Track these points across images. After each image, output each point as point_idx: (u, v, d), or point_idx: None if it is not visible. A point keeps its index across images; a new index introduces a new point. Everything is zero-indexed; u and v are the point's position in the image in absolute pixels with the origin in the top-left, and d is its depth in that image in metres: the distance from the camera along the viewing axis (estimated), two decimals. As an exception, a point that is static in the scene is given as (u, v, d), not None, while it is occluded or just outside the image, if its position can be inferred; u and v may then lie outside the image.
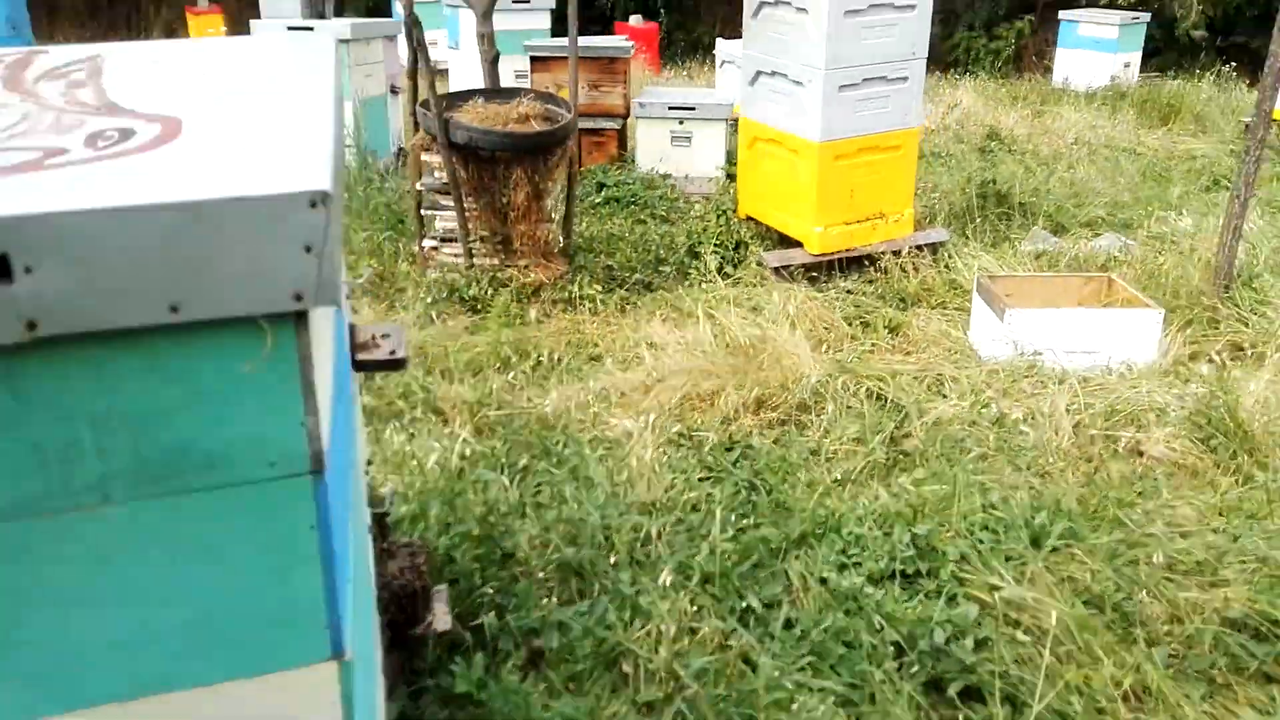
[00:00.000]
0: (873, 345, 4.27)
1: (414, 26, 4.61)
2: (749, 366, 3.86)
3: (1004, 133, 8.68)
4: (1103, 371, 3.97)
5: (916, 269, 4.81)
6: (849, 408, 3.65)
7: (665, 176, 6.49)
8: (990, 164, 7.62)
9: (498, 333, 4.34)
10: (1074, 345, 4.06)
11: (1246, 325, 4.35)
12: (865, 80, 4.55)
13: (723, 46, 8.94)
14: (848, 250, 4.79)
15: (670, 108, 6.44)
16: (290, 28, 6.51)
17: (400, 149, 7.46)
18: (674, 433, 3.43)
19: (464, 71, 8.77)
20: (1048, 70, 12.17)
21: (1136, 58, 11.41)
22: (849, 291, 4.68)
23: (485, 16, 4.90)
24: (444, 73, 9.12)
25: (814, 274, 4.79)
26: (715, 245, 5.08)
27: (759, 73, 4.83)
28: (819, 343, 4.22)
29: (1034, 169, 7.63)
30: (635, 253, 5.33)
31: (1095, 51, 11.35)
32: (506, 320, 4.55)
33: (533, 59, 6.73)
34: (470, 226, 4.79)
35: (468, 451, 3.15)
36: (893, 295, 4.66)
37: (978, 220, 5.77)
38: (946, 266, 4.94)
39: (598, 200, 6.18)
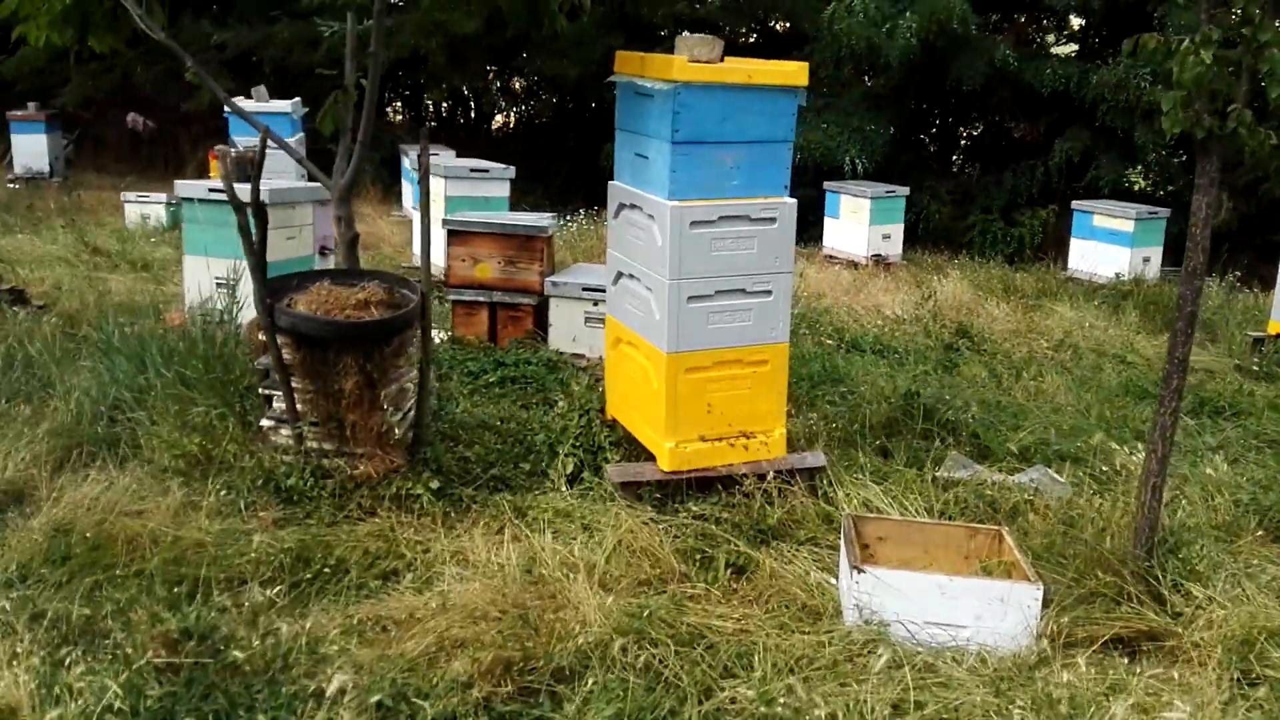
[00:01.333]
0: (704, 589, 3.69)
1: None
2: (531, 610, 3.32)
3: (979, 329, 8.15)
4: (956, 656, 3.34)
5: (784, 496, 4.25)
6: (623, 681, 3.06)
7: (577, 356, 6.09)
8: (943, 367, 7.09)
9: (287, 534, 3.88)
10: (934, 616, 3.44)
11: (1162, 607, 3.65)
12: (720, 292, 4.11)
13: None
14: (704, 470, 4.26)
15: (585, 288, 6.10)
16: (210, 189, 6.38)
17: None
18: (387, 697, 2.87)
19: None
20: (1059, 260, 11.71)
21: (1156, 253, 10.90)
22: (700, 517, 4.12)
23: (341, 199, 4.62)
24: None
25: (663, 494, 4.26)
26: (574, 447, 4.60)
27: (619, 273, 4.44)
28: (637, 583, 3.67)
29: (999, 375, 7.07)
30: (503, 445, 4.87)
31: (1109, 245, 10.88)
32: (318, 518, 4.10)
33: (450, 232, 6.48)
34: (303, 410, 4.41)
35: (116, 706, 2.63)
36: (750, 526, 4.09)
37: (890, 440, 5.22)
38: (825, 496, 4.37)
39: (492, 379, 5.78)
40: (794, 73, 4.01)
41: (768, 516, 4.11)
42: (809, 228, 13.51)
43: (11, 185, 13.17)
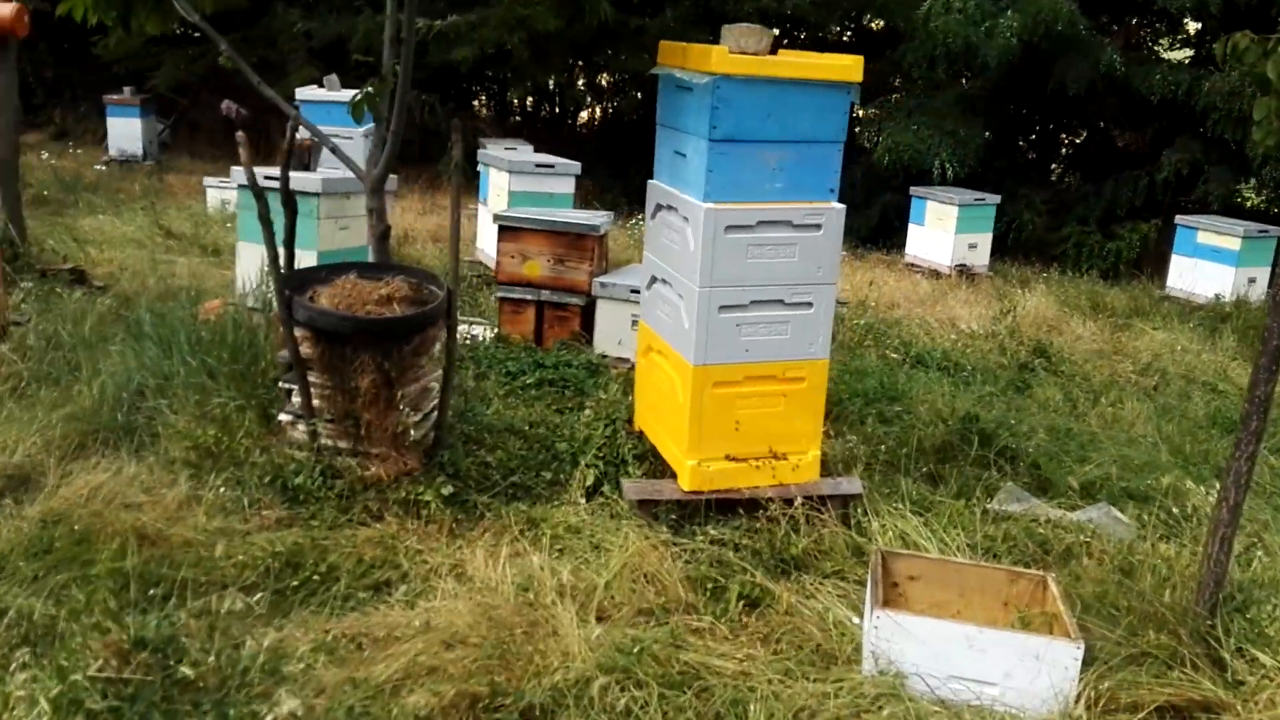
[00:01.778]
0: (711, 622, 3.42)
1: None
2: (512, 638, 3.10)
3: (1059, 348, 7.65)
4: (979, 717, 3.01)
5: (812, 525, 3.95)
6: (603, 725, 2.82)
7: (621, 360, 5.86)
8: (1014, 388, 6.65)
9: (285, 535, 3.74)
10: (959, 670, 3.12)
11: (1221, 674, 3.25)
12: (755, 303, 3.83)
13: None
14: (726, 491, 3.98)
15: (633, 291, 5.85)
16: (265, 176, 6.32)
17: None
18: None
19: (488, 228, 8.51)
20: (1156, 278, 11.04)
21: (1263, 274, 10.18)
22: (718, 542, 3.85)
23: (374, 191, 4.46)
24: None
25: (682, 515, 3.99)
26: (596, 457, 4.37)
27: (653, 277, 4.18)
28: (637, 612, 3.41)
29: (1075, 399, 6.60)
30: (528, 450, 4.67)
31: (1213, 263, 10.22)
32: (321, 520, 3.96)
33: (501, 228, 6.30)
34: (319, 405, 4.27)
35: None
36: (771, 555, 3.81)
37: (944, 466, 4.87)
38: (859, 526, 4.06)
39: (530, 381, 5.58)
40: (847, 67, 3.70)
41: (792, 545, 3.82)
42: (893, 234, 13.05)
43: (100, 167, 13.50)
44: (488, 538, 3.98)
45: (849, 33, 16.43)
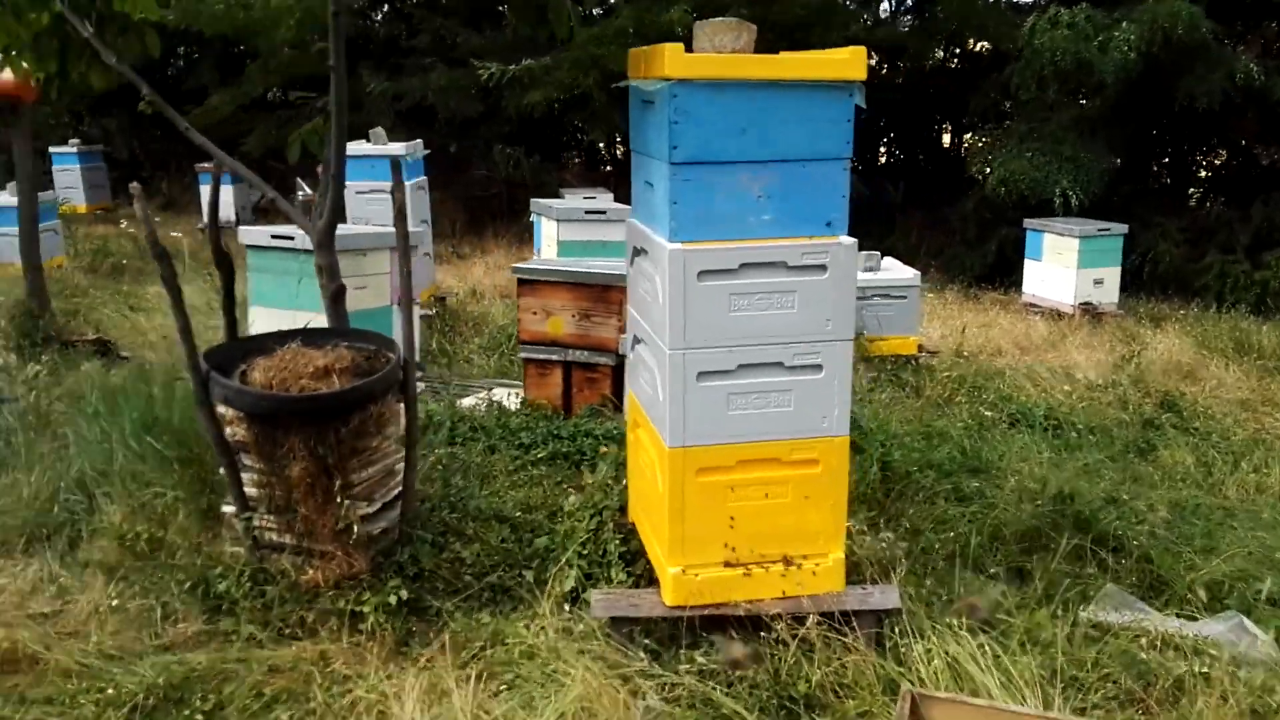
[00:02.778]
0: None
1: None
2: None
3: (1194, 400, 6.48)
4: None
5: (830, 649, 3.08)
6: None
7: (652, 432, 5.09)
8: (1136, 451, 5.57)
9: (190, 657, 3.11)
10: None
11: None
12: (745, 367, 3.02)
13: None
14: (719, 607, 3.15)
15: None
16: (273, 235, 5.88)
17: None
18: None
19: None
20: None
21: None
22: (707, 674, 3.02)
23: (320, 245, 3.86)
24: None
25: (664, 636, 3.18)
26: (579, 556, 3.61)
27: (635, 338, 3.43)
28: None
29: (1210, 463, 5.47)
30: (515, 543, 3.95)
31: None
32: (240, 636, 3.32)
33: (520, 282, 5.65)
34: (256, 496, 3.67)
35: None
36: (775, 693, 2.95)
37: (1031, 558, 3.91)
38: (895, 650, 3.16)
39: (541, 455, 4.87)
40: (844, 62, 2.90)
41: (801, 678, 2.95)
42: (1012, 270, 11.86)
43: (201, 231, 13.63)
44: (439, 660, 3.25)
45: (954, 59, 15.40)
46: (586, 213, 7.67)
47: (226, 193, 14.37)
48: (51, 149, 15.46)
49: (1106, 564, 4.00)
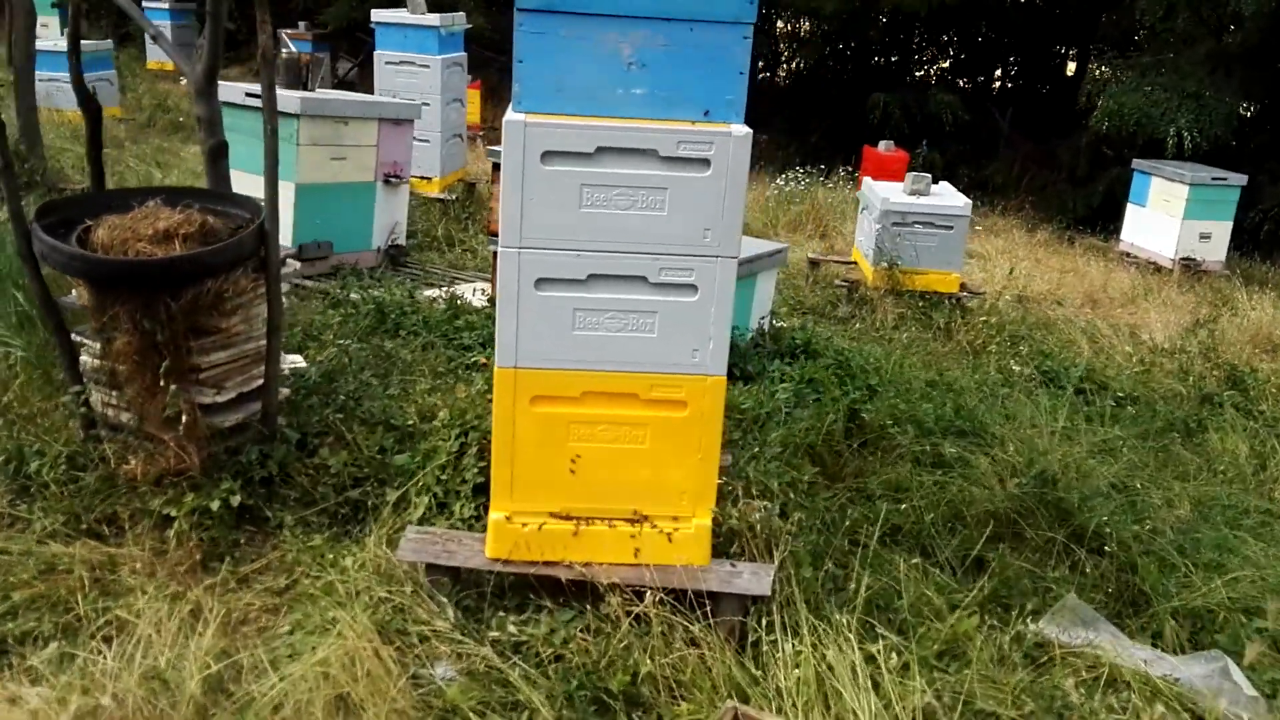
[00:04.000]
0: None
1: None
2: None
3: (1264, 380, 5.57)
4: None
5: (674, 636, 2.51)
6: None
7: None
8: (1184, 430, 4.78)
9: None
10: None
11: None
12: (596, 278, 2.41)
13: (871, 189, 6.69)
14: (549, 565, 2.61)
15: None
16: (247, 94, 5.41)
17: (395, 245, 6.12)
18: None
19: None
20: None
21: None
22: (514, 648, 2.50)
23: (200, 94, 3.34)
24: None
25: (484, 593, 2.66)
26: (436, 480, 3.10)
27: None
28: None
29: (1264, 455, 4.64)
30: (401, 454, 3.46)
31: None
32: (38, 527, 2.94)
33: (494, 166, 5.07)
34: (94, 367, 3.26)
35: None
36: (591, 684, 2.41)
37: (997, 548, 3.26)
38: (756, 648, 2.57)
39: (478, 358, 4.35)
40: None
41: (624, 668, 2.41)
42: (1115, 216, 10.73)
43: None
44: (232, 584, 2.82)
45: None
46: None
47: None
48: (145, 3, 15.32)
49: (1082, 566, 3.32)
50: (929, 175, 6.57)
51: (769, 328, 5.24)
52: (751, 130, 2.34)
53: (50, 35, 11.77)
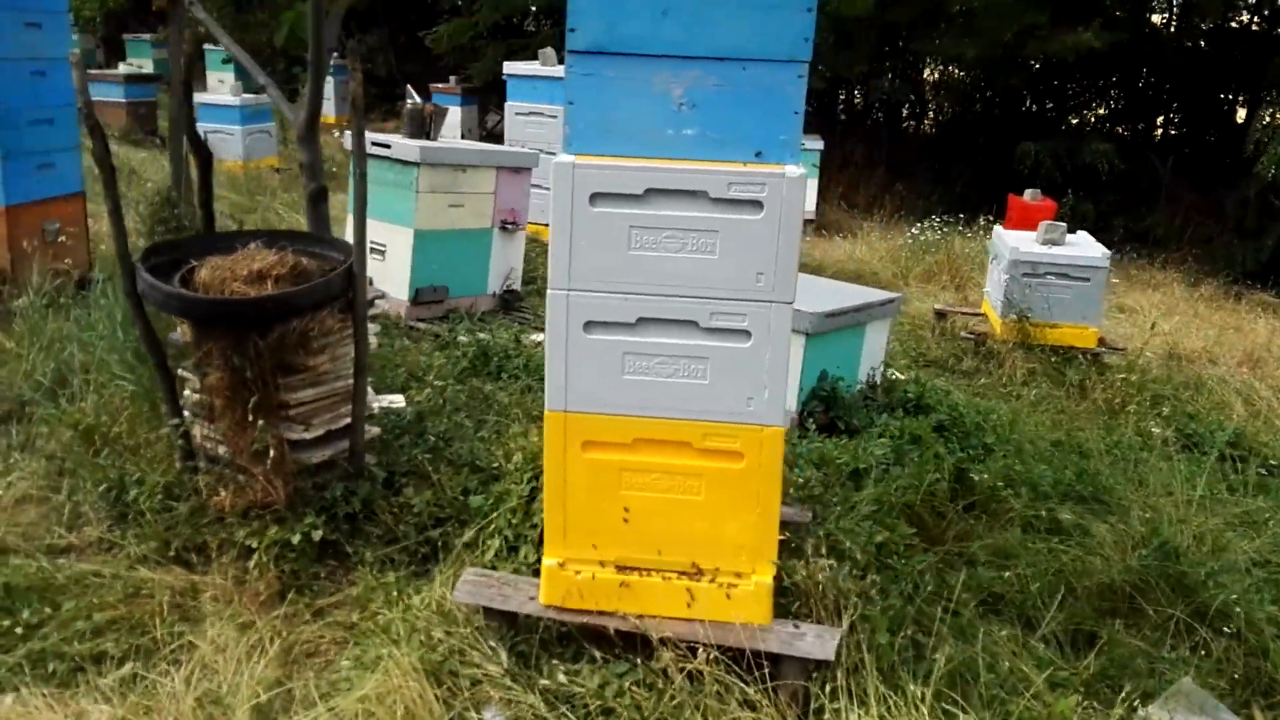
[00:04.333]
0: None
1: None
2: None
3: None
4: None
5: (728, 697, 2.39)
6: None
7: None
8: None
9: (65, 563, 2.89)
10: None
11: None
12: (647, 322, 2.35)
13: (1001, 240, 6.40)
14: (602, 615, 2.53)
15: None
16: (374, 143, 5.65)
17: (509, 289, 6.23)
18: None
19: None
20: None
21: None
22: (562, 699, 2.43)
23: (301, 140, 3.49)
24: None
25: (534, 639, 2.60)
26: (509, 523, 3.08)
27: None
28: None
29: None
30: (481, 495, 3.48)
31: None
32: (129, 553, 3.08)
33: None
34: (196, 401, 3.41)
35: None
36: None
37: (1110, 623, 3.01)
38: (817, 715, 2.42)
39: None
40: (807, -71, 2.13)
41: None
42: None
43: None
44: (304, 616, 2.88)
45: (1262, 19, 13.07)
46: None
47: (455, 113, 14.68)
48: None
49: (1204, 648, 3.01)
50: (1064, 225, 6.24)
51: (880, 380, 5.05)
52: (803, 171, 2.25)
53: (220, 90, 12.73)
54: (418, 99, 7.56)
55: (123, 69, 13.52)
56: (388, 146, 5.62)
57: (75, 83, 3.03)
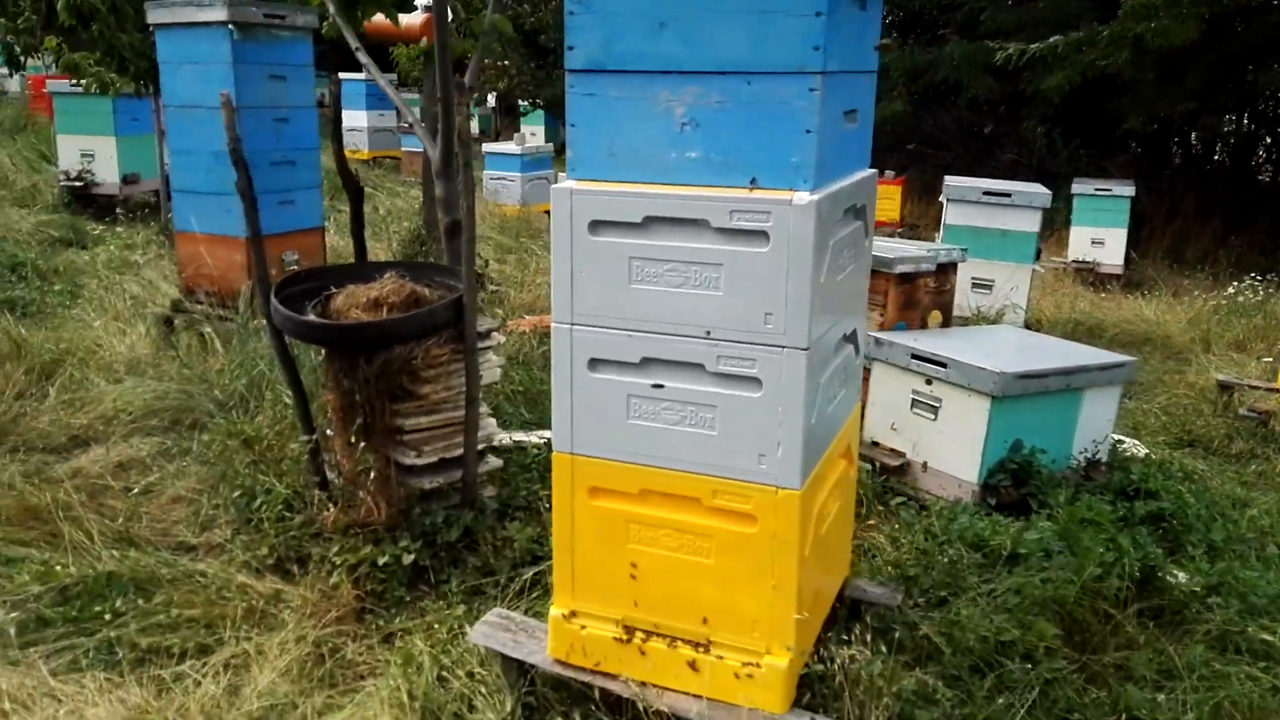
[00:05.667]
0: None
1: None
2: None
3: None
4: None
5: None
6: None
7: (895, 453, 4.12)
8: None
9: (186, 562, 3.15)
10: None
11: None
12: (651, 361, 2.14)
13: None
14: (605, 676, 2.31)
15: (915, 356, 4.03)
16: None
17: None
18: None
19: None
20: None
21: None
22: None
23: (438, 175, 3.58)
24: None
25: (544, 688, 2.43)
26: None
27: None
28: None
29: None
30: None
31: None
32: (238, 560, 3.28)
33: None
34: (323, 422, 3.60)
35: None
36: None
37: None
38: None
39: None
40: (814, -75, 1.87)
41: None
42: None
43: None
44: (371, 639, 2.92)
45: None
46: (985, 193, 6.42)
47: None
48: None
49: None
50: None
51: (1104, 457, 4.37)
52: (815, 198, 1.96)
53: (532, 143, 13.71)
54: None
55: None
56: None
57: (224, 120, 3.31)
